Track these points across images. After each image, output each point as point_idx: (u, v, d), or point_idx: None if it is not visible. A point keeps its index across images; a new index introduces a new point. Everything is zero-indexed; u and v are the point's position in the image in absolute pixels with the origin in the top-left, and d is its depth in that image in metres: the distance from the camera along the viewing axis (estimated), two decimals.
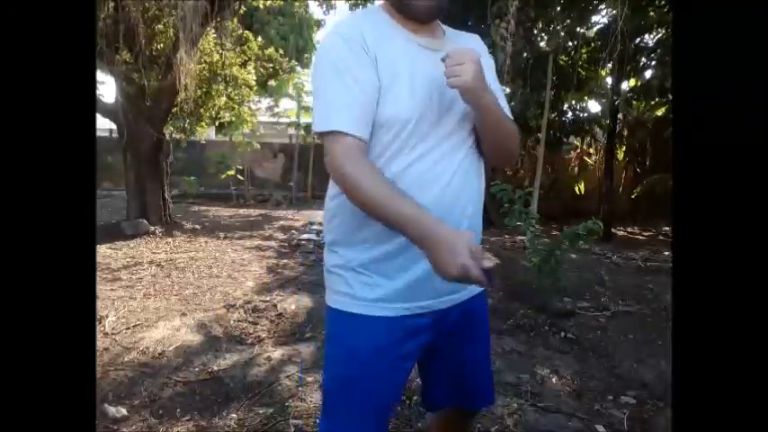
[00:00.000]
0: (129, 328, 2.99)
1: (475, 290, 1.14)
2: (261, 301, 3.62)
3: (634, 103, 8.87)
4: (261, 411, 2.12)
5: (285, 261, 5.06)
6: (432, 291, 1.05)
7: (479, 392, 1.25)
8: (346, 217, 1.05)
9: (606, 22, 7.35)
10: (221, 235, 6.43)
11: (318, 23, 15.14)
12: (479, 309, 1.19)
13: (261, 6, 9.83)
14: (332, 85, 0.97)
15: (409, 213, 0.89)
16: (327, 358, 1.12)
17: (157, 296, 3.71)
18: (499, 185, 4.30)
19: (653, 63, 7.43)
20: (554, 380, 2.53)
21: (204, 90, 7.42)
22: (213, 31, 6.97)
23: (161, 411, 2.10)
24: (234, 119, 9.04)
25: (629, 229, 8.77)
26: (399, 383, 1.11)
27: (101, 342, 2.76)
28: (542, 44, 7.50)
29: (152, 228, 6.24)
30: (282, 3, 11.65)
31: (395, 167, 0.99)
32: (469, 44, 1.14)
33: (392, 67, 0.99)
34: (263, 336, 2.97)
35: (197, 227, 6.82)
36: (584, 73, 8.45)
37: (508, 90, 6.88)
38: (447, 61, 0.95)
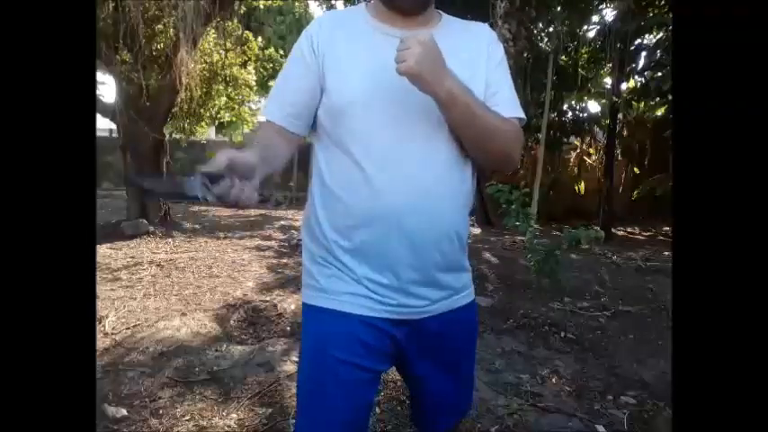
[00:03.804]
0: (129, 328, 2.99)
1: (455, 303, 1.07)
2: (261, 301, 3.62)
3: (633, 104, 8.89)
4: (261, 411, 2.12)
5: (285, 261, 5.06)
6: (399, 295, 1.00)
7: (449, 412, 1.17)
8: (309, 211, 1.07)
9: (606, 22, 7.35)
10: (221, 235, 6.42)
11: None
12: (462, 325, 1.10)
13: (261, 6, 9.84)
14: (276, 80, 1.09)
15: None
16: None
17: (157, 296, 3.71)
18: (496, 186, 4.29)
19: (652, 65, 7.43)
20: (554, 380, 2.53)
21: (204, 90, 7.42)
22: (213, 31, 6.97)
23: (161, 411, 2.10)
24: (234, 119, 9.05)
25: (629, 229, 8.77)
26: (361, 383, 1.02)
27: (101, 342, 2.76)
28: (542, 44, 7.51)
29: (152, 228, 6.24)
30: (282, 2, 11.66)
31: (353, 154, 0.97)
32: (471, 31, 1.08)
33: (342, 56, 1.00)
34: (263, 336, 2.97)
35: (197, 227, 6.82)
36: (584, 73, 8.45)
37: None
38: (398, 47, 0.88)
